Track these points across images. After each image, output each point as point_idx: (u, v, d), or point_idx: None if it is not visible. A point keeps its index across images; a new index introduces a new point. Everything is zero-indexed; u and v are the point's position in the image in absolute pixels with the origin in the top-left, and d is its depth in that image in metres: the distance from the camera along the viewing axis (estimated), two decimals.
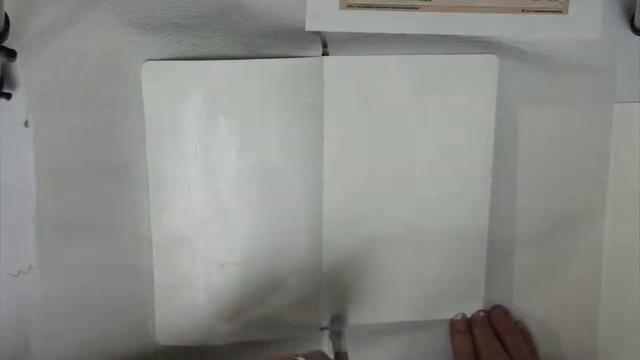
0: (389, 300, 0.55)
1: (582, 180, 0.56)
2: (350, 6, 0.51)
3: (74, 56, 0.50)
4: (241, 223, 0.52)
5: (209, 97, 0.50)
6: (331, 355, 0.54)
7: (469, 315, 0.56)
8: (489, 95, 0.53)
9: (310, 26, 0.51)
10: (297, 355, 0.44)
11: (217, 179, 0.52)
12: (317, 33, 0.52)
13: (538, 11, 0.53)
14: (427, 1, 0.52)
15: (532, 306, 0.57)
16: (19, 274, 0.52)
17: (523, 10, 0.53)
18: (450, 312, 0.56)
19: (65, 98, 0.50)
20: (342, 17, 0.51)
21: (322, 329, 0.54)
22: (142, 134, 0.51)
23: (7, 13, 0.46)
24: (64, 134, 0.50)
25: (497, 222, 0.55)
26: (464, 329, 0.56)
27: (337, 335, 0.54)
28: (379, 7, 0.52)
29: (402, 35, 0.52)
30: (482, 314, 0.56)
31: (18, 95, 0.50)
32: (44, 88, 0.50)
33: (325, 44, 0.52)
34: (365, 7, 0.52)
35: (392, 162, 0.53)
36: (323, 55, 0.51)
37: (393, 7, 0.52)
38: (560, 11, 0.53)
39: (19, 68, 0.50)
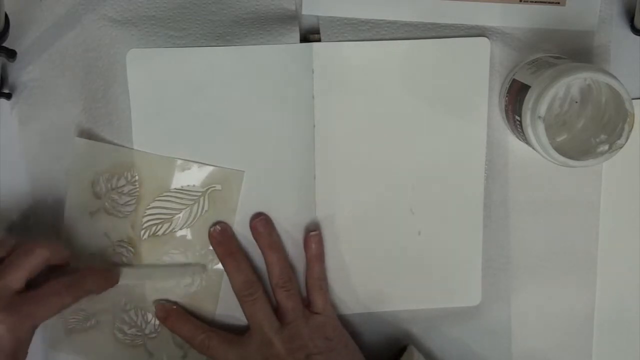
0: (383, 288, 0.55)
1: (578, 175, 0.55)
2: None
3: (57, 52, 0.51)
4: None
5: (195, 85, 0.51)
6: None
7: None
8: (481, 78, 0.53)
9: (307, 10, 0.52)
10: None
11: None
12: (296, 20, 0.52)
13: (535, 2, 0.53)
14: None
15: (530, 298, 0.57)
16: None
17: (520, 1, 0.53)
18: (446, 302, 0.55)
19: (48, 91, 0.52)
20: (337, 2, 0.52)
21: None
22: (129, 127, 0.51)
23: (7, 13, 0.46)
24: (56, 130, 0.52)
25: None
26: None
27: None
28: None
29: (394, 23, 0.52)
30: (219, 227, 0.52)
31: (17, 94, 0.51)
32: (33, 83, 0.51)
33: (317, 30, 0.52)
34: None
35: (384, 148, 0.53)
36: (314, 41, 0.52)
37: None
38: (558, 3, 0.53)
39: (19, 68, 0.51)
